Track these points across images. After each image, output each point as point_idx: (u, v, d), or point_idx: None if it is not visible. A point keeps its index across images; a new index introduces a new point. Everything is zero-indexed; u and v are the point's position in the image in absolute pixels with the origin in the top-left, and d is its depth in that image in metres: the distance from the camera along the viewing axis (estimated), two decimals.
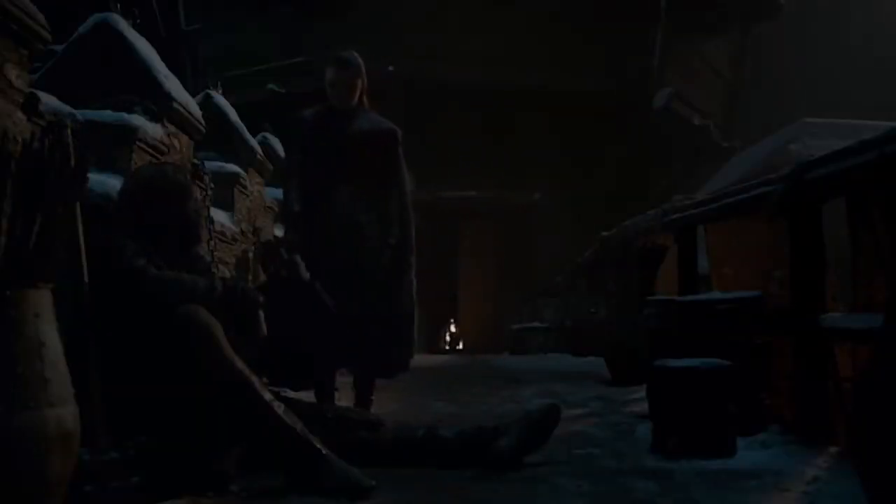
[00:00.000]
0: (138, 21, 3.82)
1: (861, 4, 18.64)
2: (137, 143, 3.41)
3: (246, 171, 5.49)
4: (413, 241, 3.54)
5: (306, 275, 3.02)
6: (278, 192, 6.34)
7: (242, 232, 5.27)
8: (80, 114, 3.18)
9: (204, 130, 4.20)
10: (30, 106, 2.70)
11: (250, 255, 5.28)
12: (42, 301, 1.64)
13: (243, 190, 5.40)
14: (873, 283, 2.57)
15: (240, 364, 2.14)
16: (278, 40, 12.28)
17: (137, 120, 3.47)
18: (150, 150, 3.50)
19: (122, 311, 2.16)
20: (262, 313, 2.41)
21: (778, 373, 3.11)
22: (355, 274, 3.32)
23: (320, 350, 3.30)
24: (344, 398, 3.55)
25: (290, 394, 2.81)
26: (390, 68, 10.08)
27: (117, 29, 3.68)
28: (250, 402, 2.12)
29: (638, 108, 12.31)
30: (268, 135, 6.86)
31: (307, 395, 3.19)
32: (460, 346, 12.75)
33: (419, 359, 3.98)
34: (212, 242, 3.88)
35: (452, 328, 12.87)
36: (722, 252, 4.00)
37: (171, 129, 3.81)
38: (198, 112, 4.11)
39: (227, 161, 5.27)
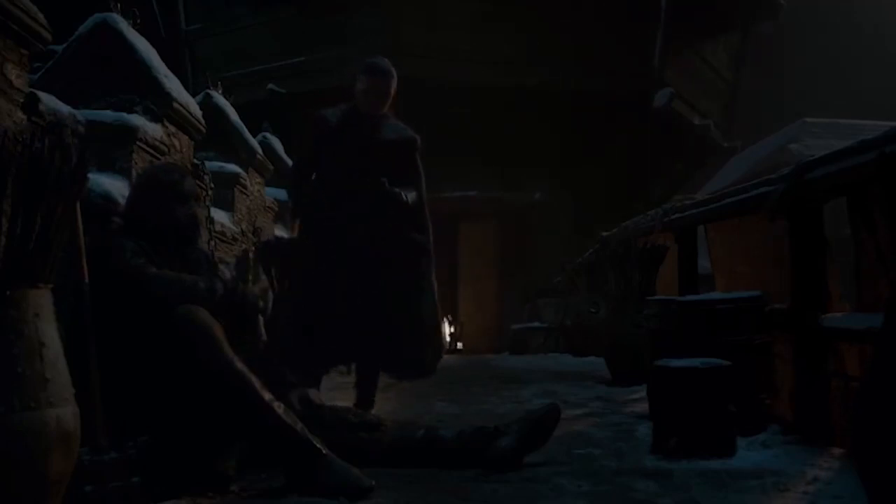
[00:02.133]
0: (138, 21, 3.81)
1: (861, 4, 18.67)
2: (137, 143, 3.40)
3: (246, 171, 5.49)
4: (430, 246, 3.57)
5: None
6: (278, 192, 6.36)
7: (242, 232, 5.26)
8: (80, 114, 3.17)
9: (204, 130, 4.19)
10: (30, 106, 2.69)
11: (250, 255, 5.27)
12: (42, 301, 1.64)
13: (243, 190, 5.39)
14: (878, 282, 2.57)
15: (240, 364, 2.14)
16: (278, 40, 12.27)
17: (137, 120, 3.47)
18: (150, 150, 3.50)
19: (122, 311, 2.16)
20: (261, 318, 2.41)
21: (778, 373, 3.11)
22: (365, 276, 3.34)
23: (321, 347, 3.33)
24: (347, 398, 3.55)
25: None
26: None
27: (117, 29, 3.67)
28: (250, 402, 2.12)
29: (638, 108, 12.30)
30: (268, 135, 6.84)
31: None
32: (460, 346, 12.73)
33: None
34: (212, 242, 3.88)
35: (452, 328, 12.86)
36: (730, 250, 3.99)
37: (172, 129, 3.81)
38: (198, 112, 4.10)
39: (227, 161, 5.27)
